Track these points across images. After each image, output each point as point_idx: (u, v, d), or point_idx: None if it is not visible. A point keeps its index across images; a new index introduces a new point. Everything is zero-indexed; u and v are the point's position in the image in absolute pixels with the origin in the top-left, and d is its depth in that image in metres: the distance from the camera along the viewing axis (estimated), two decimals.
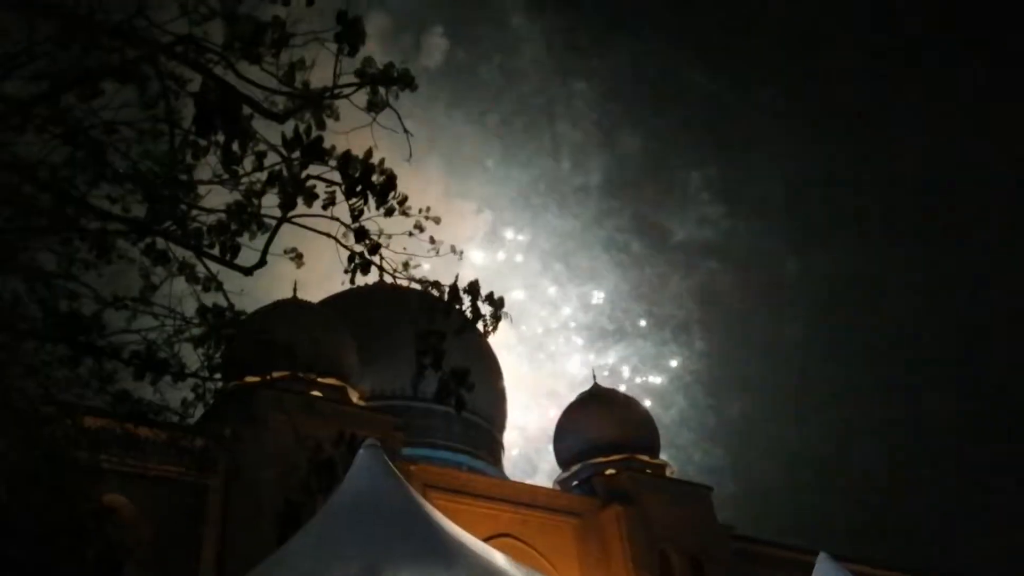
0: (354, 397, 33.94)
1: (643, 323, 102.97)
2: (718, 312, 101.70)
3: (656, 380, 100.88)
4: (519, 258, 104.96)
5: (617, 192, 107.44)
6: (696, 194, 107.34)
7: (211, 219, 10.12)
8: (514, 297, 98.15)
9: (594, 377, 48.44)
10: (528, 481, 48.53)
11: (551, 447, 46.12)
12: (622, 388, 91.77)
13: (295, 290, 36.30)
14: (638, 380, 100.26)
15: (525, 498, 36.20)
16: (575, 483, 40.76)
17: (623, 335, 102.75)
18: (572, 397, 47.11)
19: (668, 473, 42.98)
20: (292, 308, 34.54)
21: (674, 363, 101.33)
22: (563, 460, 43.65)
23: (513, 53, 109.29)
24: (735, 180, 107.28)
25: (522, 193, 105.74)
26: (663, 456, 43.54)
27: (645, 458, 41.30)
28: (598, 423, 42.08)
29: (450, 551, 9.45)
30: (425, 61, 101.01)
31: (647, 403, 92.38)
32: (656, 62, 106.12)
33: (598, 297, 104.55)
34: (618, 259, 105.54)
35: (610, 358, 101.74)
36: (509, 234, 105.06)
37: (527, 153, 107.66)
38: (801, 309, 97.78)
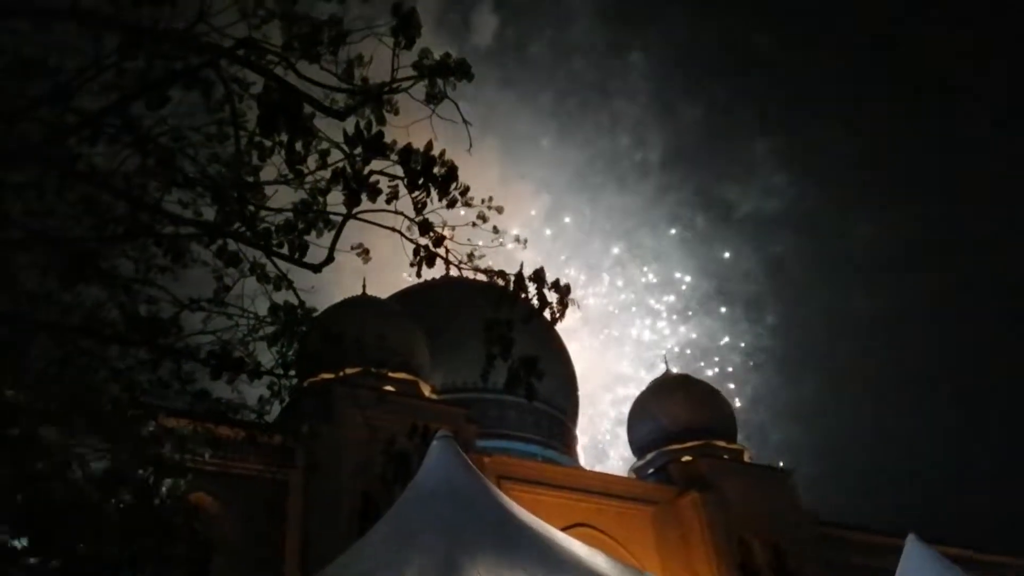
0: (426, 390, 34.25)
1: (712, 300, 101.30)
2: (788, 285, 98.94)
3: (728, 358, 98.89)
4: (580, 238, 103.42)
5: (678, 166, 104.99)
6: (761, 164, 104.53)
7: (279, 219, 10.30)
8: (575, 279, 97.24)
9: (666, 363, 48.01)
10: (599, 468, 48.36)
11: (621, 432, 45.79)
12: (694, 369, 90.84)
13: (364, 286, 36.79)
14: (710, 359, 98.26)
15: (600, 487, 36.06)
16: (651, 470, 40.44)
17: (692, 314, 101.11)
18: (640, 379, 46.79)
19: (746, 458, 42.33)
20: (361, 304, 35.07)
21: (745, 341, 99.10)
22: (638, 448, 43.35)
23: (564, 27, 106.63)
24: (800, 148, 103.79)
25: (580, 173, 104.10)
26: (739, 439, 42.89)
27: (721, 443, 40.75)
28: (672, 409, 41.67)
29: (528, 541, 9.44)
30: (476, 39, 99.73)
31: (719, 384, 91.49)
32: (713, 28, 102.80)
33: (664, 275, 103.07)
34: (682, 236, 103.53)
35: (679, 338, 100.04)
36: (568, 216, 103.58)
37: (583, 131, 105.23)
38: (871, 278, 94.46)
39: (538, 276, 10.07)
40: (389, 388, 30.88)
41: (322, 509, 26.48)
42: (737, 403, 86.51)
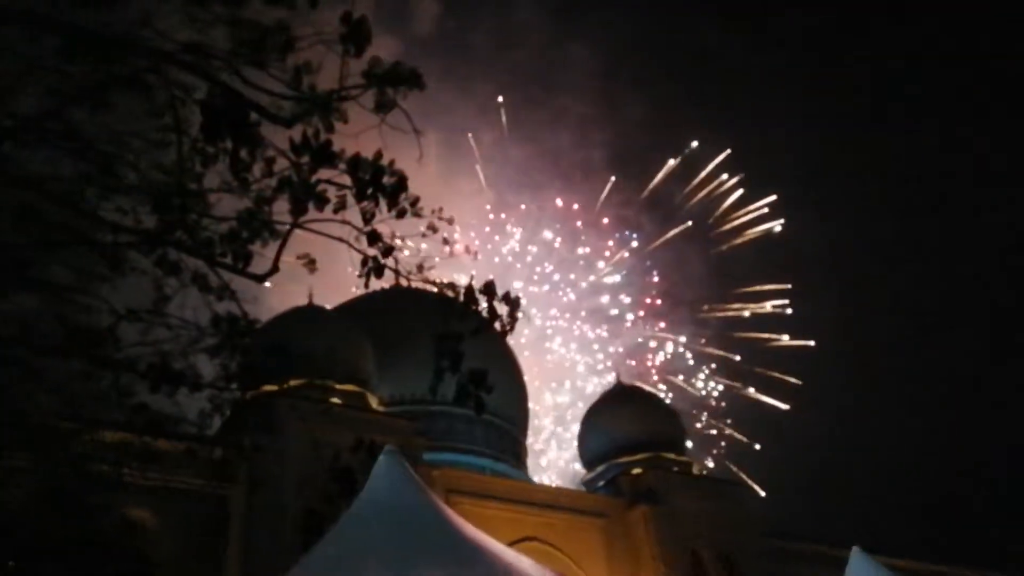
0: (373, 403, 33.85)
1: (659, 302, 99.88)
2: (735, 290, 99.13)
3: (675, 363, 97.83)
4: (524, 237, 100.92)
5: (623, 166, 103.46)
6: (707, 167, 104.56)
7: (222, 227, 10.07)
8: (519, 283, 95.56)
9: (616, 374, 48.20)
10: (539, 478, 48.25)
11: (561, 435, 45.62)
12: (639, 373, 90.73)
13: (311, 297, 36.28)
14: (655, 363, 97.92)
15: (550, 500, 36.00)
16: (601, 483, 40.50)
17: (637, 316, 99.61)
18: (585, 384, 46.70)
19: (696, 470, 42.64)
20: (308, 315, 34.51)
21: (692, 345, 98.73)
22: (588, 460, 43.39)
23: (507, 17, 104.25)
24: (748, 151, 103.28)
25: (522, 169, 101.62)
26: (688, 448, 43.18)
27: (671, 455, 40.96)
28: (622, 422, 41.79)
29: (473, 558, 9.30)
30: (416, 28, 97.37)
31: (667, 392, 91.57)
32: (659, 22, 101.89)
33: (608, 279, 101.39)
34: (628, 237, 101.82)
35: (625, 343, 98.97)
36: (512, 214, 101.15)
37: (527, 126, 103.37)
38: (819, 283, 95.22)
39: (488, 289, 10.00)
40: (335, 400, 30.48)
41: (264, 525, 25.96)
42: (684, 409, 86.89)
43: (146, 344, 10.93)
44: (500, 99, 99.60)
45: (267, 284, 9.82)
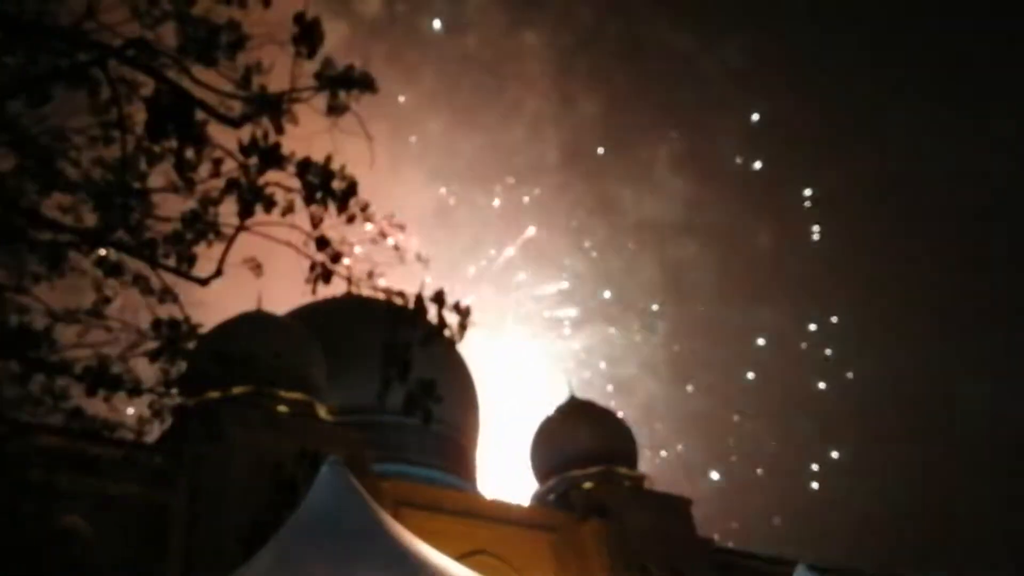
0: (322, 412, 33.29)
1: (608, 307, 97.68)
2: (685, 294, 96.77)
3: (624, 371, 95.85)
4: (471, 237, 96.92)
5: (575, 164, 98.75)
6: (660, 166, 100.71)
7: (166, 228, 9.84)
8: (465, 281, 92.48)
9: (569, 387, 48.21)
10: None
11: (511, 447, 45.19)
12: (585, 379, 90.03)
13: (259, 302, 35.58)
14: (605, 369, 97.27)
15: (501, 514, 35.76)
16: (552, 496, 40.40)
17: (587, 322, 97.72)
18: (535, 391, 46.21)
19: (646, 485, 42.77)
20: (255, 321, 33.82)
21: (640, 351, 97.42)
22: (540, 473, 43.26)
23: (457, 1, 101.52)
24: (702, 151, 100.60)
25: (471, 164, 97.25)
26: (641, 459, 43.30)
27: (623, 470, 41.00)
28: (574, 435, 41.74)
29: (416, 571, 9.13)
30: (361, 8, 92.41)
31: (615, 395, 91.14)
32: (616, 15, 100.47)
33: (558, 279, 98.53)
34: (578, 239, 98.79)
35: (574, 343, 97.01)
36: (460, 210, 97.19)
37: (476, 118, 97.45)
38: (773, 292, 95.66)
39: (438, 297, 9.88)
40: (282, 408, 29.95)
41: (205, 536, 25.30)
42: (634, 416, 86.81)
43: (84, 346, 10.63)
44: (449, 87, 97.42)
45: (211, 288, 9.56)
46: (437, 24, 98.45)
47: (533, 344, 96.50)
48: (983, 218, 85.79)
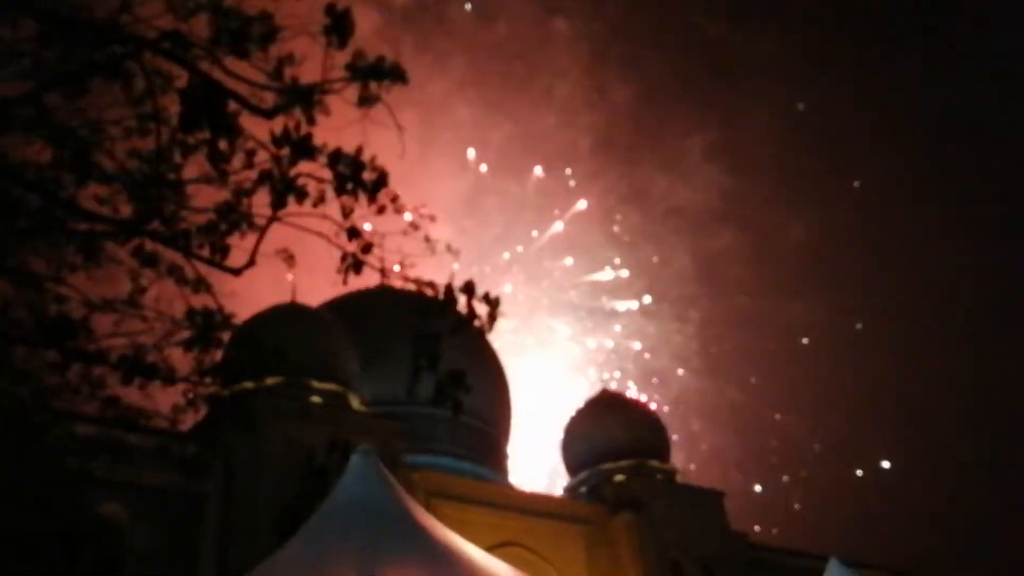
0: (354, 403, 33.52)
1: (640, 297, 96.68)
2: (720, 285, 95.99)
3: (656, 359, 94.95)
4: (504, 220, 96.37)
5: (608, 151, 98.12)
6: (693, 153, 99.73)
7: (200, 219, 9.93)
8: (497, 270, 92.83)
9: (602, 380, 48.14)
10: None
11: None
12: (619, 367, 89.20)
13: (293, 294, 35.94)
14: (636, 360, 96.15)
15: (532, 506, 35.81)
16: (584, 490, 40.37)
17: (621, 312, 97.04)
18: (567, 383, 46.18)
19: (679, 478, 42.57)
20: (289, 312, 34.13)
21: (673, 342, 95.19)
22: (571, 467, 43.25)
23: None
24: (735, 139, 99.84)
25: (502, 151, 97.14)
26: (674, 452, 43.04)
27: (655, 463, 40.85)
28: (606, 429, 41.64)
29: (445, 560, 9.15)
30: None
31: (647, 387, 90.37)
32: (649, 2, 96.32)
33: (589, 269, 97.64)
34: (610, 227, 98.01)
35: (603, 335, 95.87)
36: (491, 198, 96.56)
37: (507, 105, 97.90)
38: (805, 281, 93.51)
39: (468, 288, 9.88)
40: (315, 399, 30.18)
41: (240, 523, 25.66)
42: (666, 408, 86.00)
43: (120, 336, 10.78)
44: (478, 75, 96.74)
45: (244, 278, 9.64)
46: (468, 10, 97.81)
47: (565, 334, 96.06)
48: None
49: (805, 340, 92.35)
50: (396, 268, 10.14)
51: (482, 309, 9.70)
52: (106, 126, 9.75)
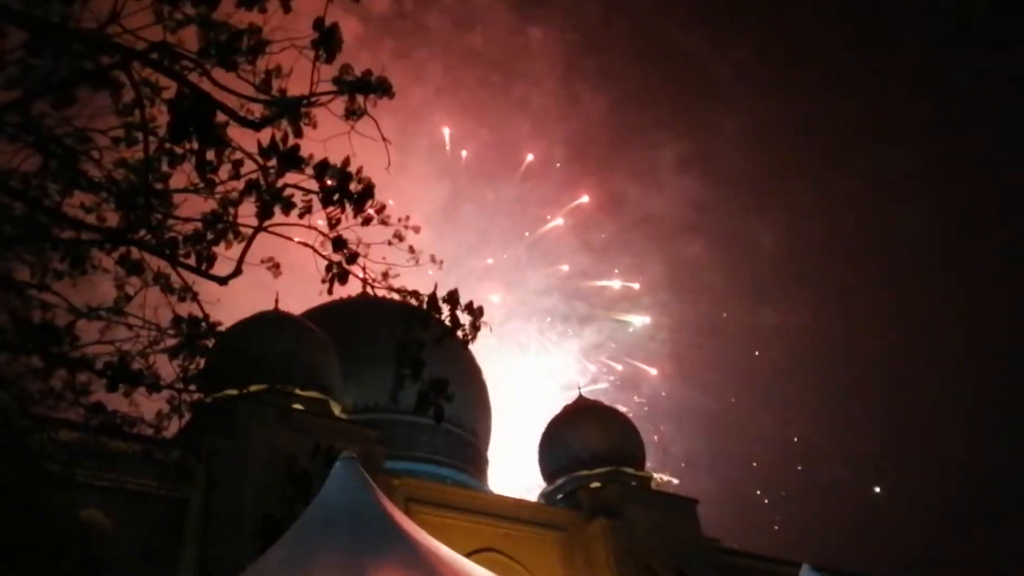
0: (336, 410, 33.64)
1: (615, 304, 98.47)
2: (692, 291, 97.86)
3: (629, 366, 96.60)
4: (478, 233, 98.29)
5: (581, 161, 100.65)
6: (666, 162, 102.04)
7: (187, 228, 10.05)
8: (474, 276, 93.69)
9: (579, 388, 48.39)
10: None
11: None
12: (592, 377, 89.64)
13: (276, 302, 35.99)
14: (610, 367, 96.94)
15: (509, 512, 35.95)
16: (560, 496, 40.57)
17: (591, 319, 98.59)
18: (544, 389, 46.35)
19: (654, 485, 42.88)
20: (273, 320, 34.20)
21: (646, 348, 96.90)
22: (548, 473, 43.45)
23: None
24: (707, 148, 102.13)
25: (479, 158, 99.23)
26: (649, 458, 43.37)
27: (630, 470, 41.16)
28: (582, 436, 41.91)
29: (427, 564, 9.31)
30: (375, 5, 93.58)
31: (619, 393, 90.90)
32: (624, 13, 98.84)
33: (565, 277, 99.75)
34: (585, 236, 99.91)
35: (580, 341, 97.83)
36: (467, 205, 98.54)
37: (483, 113, 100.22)
38: (776, 288, 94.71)
39: (451, 297, 10.07)
40: (297, 406, 30.23)
41: (223, 530, 25.61)
42: (638, 415, 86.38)
43: (105, 343, 10.85)
44: (455, 82, 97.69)
45: (230, 287, 9.76)
46: (445, 21, 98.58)
47: (541, 341, 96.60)
48: (1008, 215, 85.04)
49: (775, 346, 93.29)
50: (380, 278, 10.33)
51: (465, 318, 9.90)
52: (94, 135, 9.83)
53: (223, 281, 9.64)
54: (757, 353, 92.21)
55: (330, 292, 10.19)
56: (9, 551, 12.04)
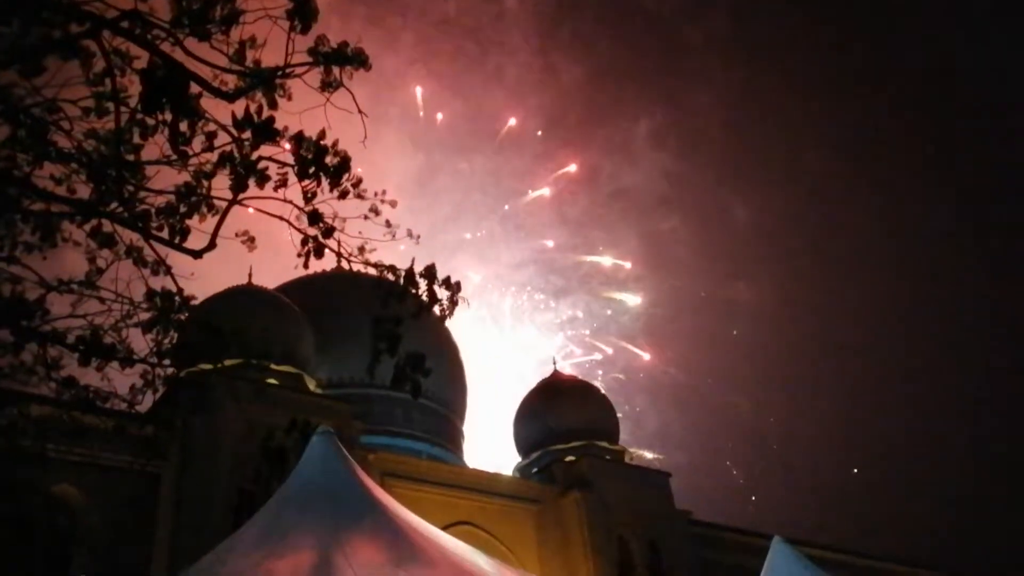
0: (311, 385, 33.60)
1: (590, 280, 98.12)
2: (666, 266, 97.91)
3: (605, 340, 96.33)
4: (452, 205, 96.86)
5: (557, 132, 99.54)
6: (641, 135, 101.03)
7: (159, 201, 9.91)
8: (447, 248, 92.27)
9: (554, 363, 48.56)
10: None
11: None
12: (566, 352, 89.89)
13: (250, 276, 35.75)
14: (585, 341, 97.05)
15: (484, 485, 36.18)
16: (535, 470, 40.85)
17: (568, 291, 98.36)
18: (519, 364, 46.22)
19: (627, 459, 43.29)
20: (246, 294, 34.01)
21: (620, 323, 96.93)
22: (523, 447, 43.72)
23: None
24: (682, 121, 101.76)
25: (453, 130, 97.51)
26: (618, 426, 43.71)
27: (604, 444, 41.51)
28: (557, 410, 42.15)
29: (406, 540, 9.35)
30: None
31: (596, 367, 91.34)
32: None
33: (540, 250, 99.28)
34: (559, 209, 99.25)
35: (557, 316, 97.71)
36: (441, 177, 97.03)
37: (457, 83, 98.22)
38: (751, 263, 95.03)
39: (429, 272, 10.03)
40: (272, 381, 30.10)
41: (196, 504, 25.60)
42: (614, 388, 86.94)
43: (77, 317, 10.71)
44: (428, 51, 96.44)
45: (203, 260, 9.65)
46: None
47: (515, 315, 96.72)
48: (983, 194, 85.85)
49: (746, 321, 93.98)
50: (356, 252, 10.25)
51: (442, 294, 9.87)
52: (64, 105, 9.65)
53: (197, 255, 9.52)
54: (736, 332, 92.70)
55: (306, 266, 10.12)
56: None
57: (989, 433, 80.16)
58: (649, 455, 78.21)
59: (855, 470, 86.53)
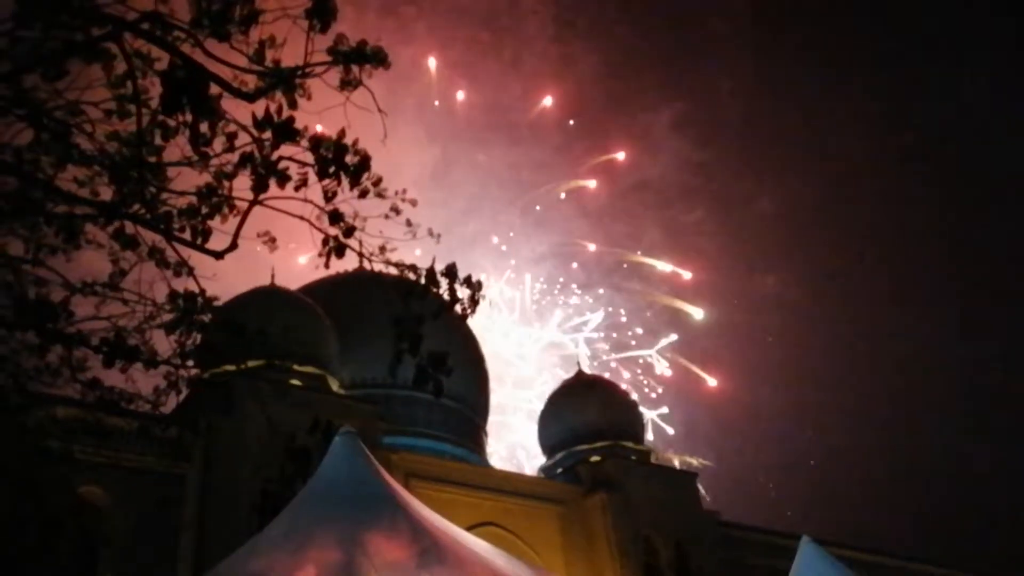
0: (334, 385, 33.70)
1: (612, 273, 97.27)
2: (691, 258, 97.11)
3: (629, 335, 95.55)
4: (472, 193, 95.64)
5: (575, 123, 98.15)
6: (662, 125, 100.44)
7: (181, 202, 9.93)
8: (464, 243, 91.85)
9: (578, 364, 48.42)
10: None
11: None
12: (593, 348, 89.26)
13: (272, 277, 35.96)
14: (608, 336, 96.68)
15: (508, 486, 36.14)
16: (559, 470, 40.75)
17: (588, 286, 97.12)
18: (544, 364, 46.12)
19: (653, 459, 43.08)
20: (269, 295, 34.19)
21: (646, 316, 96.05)
22: (547, 447, 43.63)
23: None
24: (704, 111, 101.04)
25: (469, 121, 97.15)
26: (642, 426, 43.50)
27: (629, 444, 41.34)
28: (582, 411, 42.03)
29: (429, 540, 9.29)
30: None
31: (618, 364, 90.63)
32: None
33: (560, 243, 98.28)
34: (578, 201, 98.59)
35: (574, 310, 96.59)
36: (458, 170, 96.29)
37: (473, 73, 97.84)
38: (773, 253, 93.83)
39: (450, 271, 9.97)
40: (295, 382, 30.23)
41: (219, 505, 25.79)
42: (641, 387, 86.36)
43: (100, 318, 10.76)
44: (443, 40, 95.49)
45: (225, 261, 9.66)
46: None
47: (539, 312, 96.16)
48: (1002, 180, 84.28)
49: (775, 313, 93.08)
50: (377, 251, 10.21)
51: (463, 292, 9.80)
52: (86, 108, 9.69)
53: (219, 255, 9.54)
54: (770, 339, 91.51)
55: (327, 266, 10.09)
56: (7, 528, 12.03)
57: None
58: (693, 461, 77.29)
59: (886, 467, 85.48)
